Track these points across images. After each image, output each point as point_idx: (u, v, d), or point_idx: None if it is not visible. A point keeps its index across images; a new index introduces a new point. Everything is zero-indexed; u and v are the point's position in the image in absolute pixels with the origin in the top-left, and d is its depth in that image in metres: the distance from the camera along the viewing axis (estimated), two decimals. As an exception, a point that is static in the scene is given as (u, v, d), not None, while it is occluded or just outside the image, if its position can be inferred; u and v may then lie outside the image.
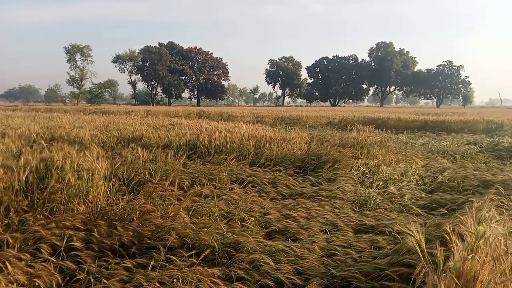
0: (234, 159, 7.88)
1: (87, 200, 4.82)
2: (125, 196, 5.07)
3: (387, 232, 4.22)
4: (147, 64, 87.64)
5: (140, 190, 5.42)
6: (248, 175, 6.87)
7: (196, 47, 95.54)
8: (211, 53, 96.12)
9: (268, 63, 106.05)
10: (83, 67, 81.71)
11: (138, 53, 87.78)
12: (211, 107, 63.39)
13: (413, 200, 5.68)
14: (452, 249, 2.48)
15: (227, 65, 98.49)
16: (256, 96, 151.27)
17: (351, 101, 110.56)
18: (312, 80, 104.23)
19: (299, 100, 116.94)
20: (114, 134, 10.65)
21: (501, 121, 20.71)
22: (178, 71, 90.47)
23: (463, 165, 8.44)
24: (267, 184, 6.52)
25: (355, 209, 5.35)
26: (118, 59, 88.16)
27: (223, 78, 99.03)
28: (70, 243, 3.69)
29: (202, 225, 4.09)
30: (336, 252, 3.66)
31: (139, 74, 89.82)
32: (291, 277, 3.17)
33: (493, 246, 2.32)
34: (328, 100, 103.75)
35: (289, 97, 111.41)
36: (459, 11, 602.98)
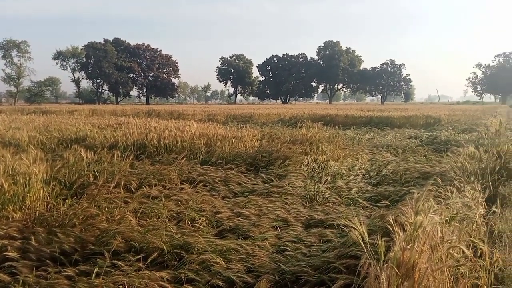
0: (185, 158, 7.72)
1: (23, 207, 4.49)
2: (66, 201, 4.80)
3: (335, 226, 4.34)
4: (92, 61, 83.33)
5: (84, 193, 5.15)
6: (199, 174, 6.77)
7: (144, 43, 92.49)
8: (160, 50, 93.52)
9: (219, 61, 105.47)
10: (20, 64, 76.79)
11: (81, 49, 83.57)
12: (161, 105, 61.79)
13: (359, 193, 5.89)
14: (395, 239, 2.59)
15: (177, 63, 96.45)
16: (208, 94, 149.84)
17: (301, 98, 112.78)
18: (264, 78, 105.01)
19: (251, 98, 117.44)
20: (55, 135, 10.06)
21: (439, 116, 22.21)
22: (125, 69, 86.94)
23: (405, 158, 8.91)
24: (218, 182, 6.45)
25: (305, 204, 5.45)
26: (60, 56, 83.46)
27: (173, 76, 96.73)
28: (4, 253, 3.42)
29: (150, 228, 3.95)
30: (287, 248, 3.70)
31: (83, 72, 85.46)
32: (242, 275, 3.15)
33: (431, 235, 2.45)
34: (279, 98, 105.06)
35: (241, 95, 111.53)
36: (401, 13, 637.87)
